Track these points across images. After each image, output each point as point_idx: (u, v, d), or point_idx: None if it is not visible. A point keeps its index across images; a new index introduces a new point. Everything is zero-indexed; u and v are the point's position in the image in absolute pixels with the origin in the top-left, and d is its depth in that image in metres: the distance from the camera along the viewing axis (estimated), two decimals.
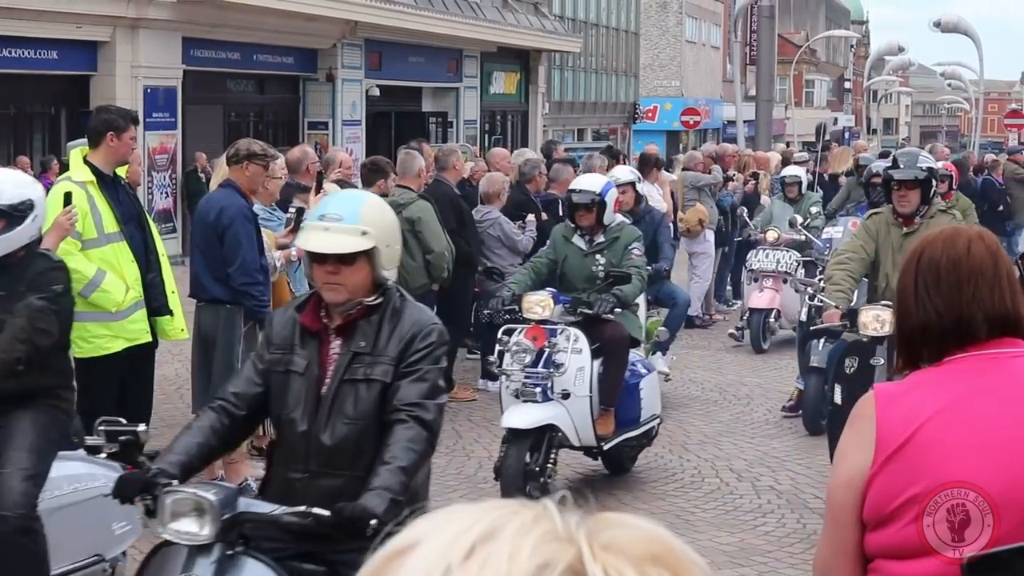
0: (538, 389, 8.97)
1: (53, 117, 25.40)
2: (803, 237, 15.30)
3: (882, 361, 8.31)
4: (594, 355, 9.37)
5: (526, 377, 9.03)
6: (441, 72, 36.50)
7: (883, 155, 28.93)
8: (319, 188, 10.83)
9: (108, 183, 8.48)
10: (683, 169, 18.70)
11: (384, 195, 11.56)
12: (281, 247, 10.00)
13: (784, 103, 63.23)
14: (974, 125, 67.49)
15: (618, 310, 9.56)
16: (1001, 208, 22.95)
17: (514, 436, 8.81)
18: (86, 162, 8.47)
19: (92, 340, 8.40)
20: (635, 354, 10.08)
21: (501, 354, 9.24)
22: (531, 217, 13.28)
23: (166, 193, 25.89)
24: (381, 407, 4.68)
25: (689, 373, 14.41)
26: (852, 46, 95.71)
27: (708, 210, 17.25)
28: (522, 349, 9.11)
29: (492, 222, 12.91)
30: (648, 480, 10.20)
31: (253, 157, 9.33)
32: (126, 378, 8.52)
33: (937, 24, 59.37)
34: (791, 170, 16.92)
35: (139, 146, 17.24)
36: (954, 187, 15.33)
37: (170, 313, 8.79)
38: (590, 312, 9.43)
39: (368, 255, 4.67)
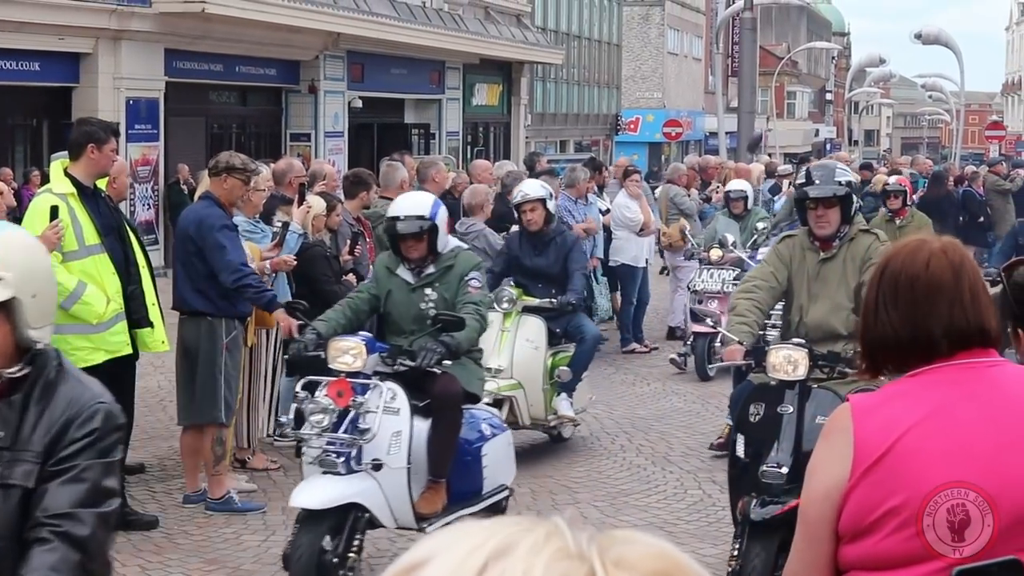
0: (340, 459, 7.39)
1: (35, 129, 25.35)
2: (746, 255, 14.14)
3: (791, 409, 7.06)
4: (424, 414, 7.83)
5: (327, 443, 7.42)
6: (423, 84, 36.50)
7: (863, 167, 29.11)
8: (302, 200, 10.84)
9: (89, 195, 8.48)
10: (667, 182, 18.74)
11: (366, 207, 11.61)
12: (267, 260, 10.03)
13: (766, 115, 63.37)
14: (955, 137, 67.76)
15: (448, 362, 7.83)
16: (982, 219, 23.04)
17: (308, 516, 7.27)
18: (67, 174, 8.46)
19: (73, 352, 8.37)
20: (483, 411, 8.60)
21: (299, 413, 7.60)
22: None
23: (148, 205, 25.85)
24: (24, 521, 3.38)
25: (672, 385, 14.43)
26: (833, 58, 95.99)
27: (691, 224, 17.25)
28: (320, 409, 7.44)
29: (477, 234, 12.91)
30: (631, 492, 10.20)
31: (232, 170, 9.39)
32: (107, 390, 8.51)
33: (918, 36, 59.61)
34: (735, 184, 15.97)
35: (123, 158, 17.23)
36: (908, 202, 14.93)
37: (151, 325, 8.79)
38: (411, 365, 7.76)
39: (6, 309, 3.41)
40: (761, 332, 7.80)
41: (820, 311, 7.66)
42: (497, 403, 10.20)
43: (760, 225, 14.95)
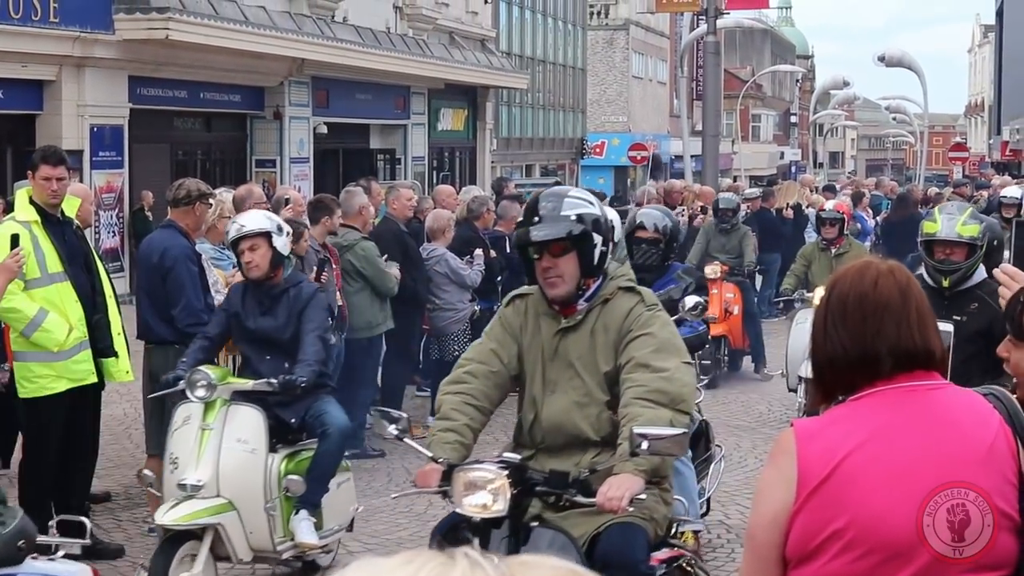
0: None
1: None
2: None
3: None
4: None
5: None
6: (389, 109, 36.51)
7: (827, 188, 29.21)
8: None
9: (54, 223, 8.44)
10: (636, 205, 18.82)
11: (332, 233, 11.60)
12: None
13: (731, 138, 63.64)
14: (919, 158, 68.08)
15: None
16: None
17: None
18: (31, 202, 8.43)
19: (35, 380, 8.35)
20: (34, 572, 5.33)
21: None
22: (479, 251, 13.30)
23: (113, 232, 25.76)
24: None
25: None
26: (798, 81, 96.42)
27: None
28: None
29: (438, 259, 12.91)
30: None
31: (203, 197, 9.42)
32: (72, 419, 8.47)
33: (881, 59, 59.90)
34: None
35: (87, 185, 17.18)
36: (845, 231, 14.41)
37: (115, 355, 8.74)
38: None
39: None
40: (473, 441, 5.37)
41: (559, 406, 5.31)
42: (195, 534, 7.38)
43: None
